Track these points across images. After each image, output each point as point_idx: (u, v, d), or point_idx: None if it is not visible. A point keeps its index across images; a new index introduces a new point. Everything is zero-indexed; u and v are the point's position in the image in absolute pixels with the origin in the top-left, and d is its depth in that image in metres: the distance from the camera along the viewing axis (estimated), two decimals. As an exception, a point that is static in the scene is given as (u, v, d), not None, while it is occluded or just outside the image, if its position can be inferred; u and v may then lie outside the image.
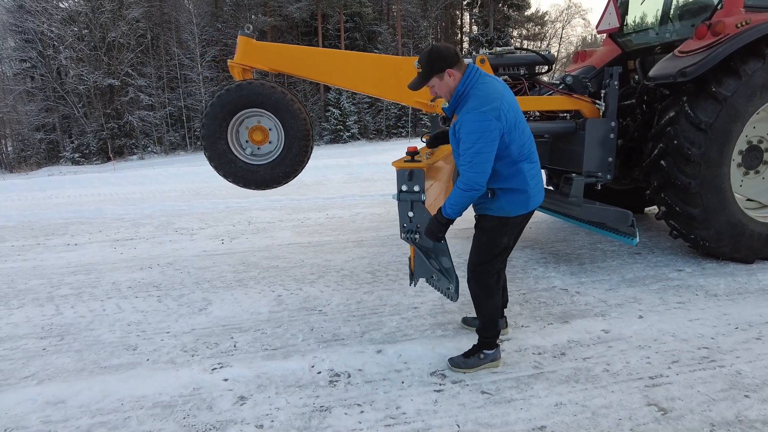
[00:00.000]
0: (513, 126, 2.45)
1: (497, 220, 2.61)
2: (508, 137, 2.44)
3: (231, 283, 4.36)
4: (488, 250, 2.68)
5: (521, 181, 2.53)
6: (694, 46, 4.18)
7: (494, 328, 2.80)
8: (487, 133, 2.35)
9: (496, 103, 2.39)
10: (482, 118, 2.35)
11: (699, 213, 4.17)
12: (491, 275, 2.72)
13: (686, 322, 3.33)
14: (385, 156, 13.84)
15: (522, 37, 41.97)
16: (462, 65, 2.53)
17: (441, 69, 2.49)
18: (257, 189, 4.27)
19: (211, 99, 4.00)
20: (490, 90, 2.45)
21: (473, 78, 2.49)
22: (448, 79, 2.51)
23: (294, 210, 7.58)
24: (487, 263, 2.69)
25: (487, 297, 2.75)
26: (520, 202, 2.56)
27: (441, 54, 2.50)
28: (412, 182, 3.00)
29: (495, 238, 2.65)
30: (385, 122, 34.79)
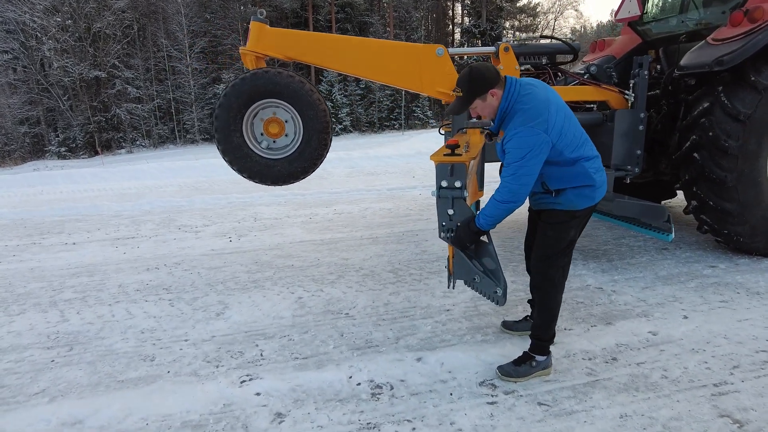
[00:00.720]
0: (561, 132, 2.36)
1: (565, 213, 2.50)
2: (560, 145, 2.36)
3: (246, 284, 4.13)
4: (555, 243, 2.55)
5: (585, 178, 2.45)
6: (730, 34, 4.00)
7: (552, 329, 2.64)
8: (536, 148, 2.29)
9: (543, 116, 2.32)
10: (530, 132, 2.29)
11: (734, 208, 4.01)
12: (557, 269, 2.57)
13: (735, 322, 3.17)
14: (385, 149, 13.61)
15: (514, 28, 41.80)
16: (502, 82, 2.43)
17: (484, 90, 2.41)
18: (273, 185, 4.02)
19: (225, 89, 3.73)
20: (534, 103, 2.36)
21: (515, 92, 2.40)
22: (491, 100, 2.43)
23: (300, 205, 7.33)
24: (554, 257, 2.56)
25: (551, 293, 2.60)
26: (587, 195, 2.48)
27: (482, 75, 2.41)
28: (453, 177, 2.79)
29: (562, 232, 2.53)
30: (378, 114, 34.46)
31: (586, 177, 2.43)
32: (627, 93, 4.34)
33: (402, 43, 4.45)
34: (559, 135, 2.35)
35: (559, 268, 2.59)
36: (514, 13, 40.81)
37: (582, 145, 2.45)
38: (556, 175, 2.44)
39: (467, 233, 2.60)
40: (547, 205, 2.55)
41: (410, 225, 5.86)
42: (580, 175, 2.43)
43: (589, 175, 2.43)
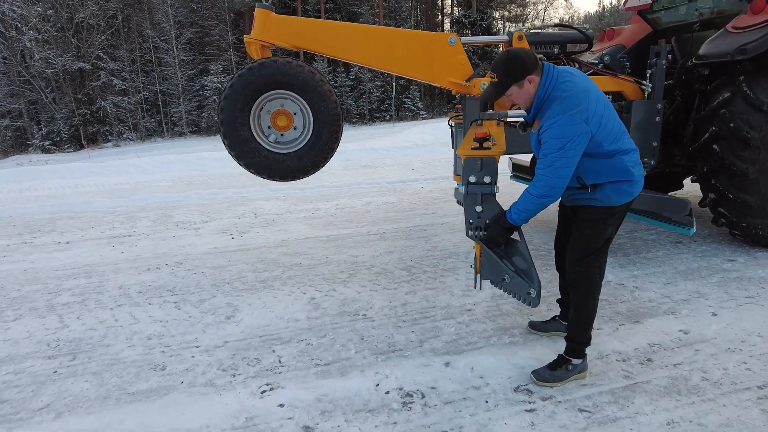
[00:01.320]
0: (600, 122, 2.22)
1: (603, 210, 2.37)
2: (599, 136, 2.23)
3: (254, 284, 3.96)
4: (592, 242, 2.42)
5: (624, 172, 2.31)
6: (752, 21, 3.90)
7: (589, 332, 2.52)
8: (575, 138, 2.16)
9: (583, 105, 2.18)
10: (570, 122, 2.15)
11: (755, 200, 3.93)
12: (595, 269, 2.45)
13: (765, 319, 3.09)
14: (381, 141, 13.41)
15: (504, 18, 41.63)
16: (540, 68, 2.28)
17: (522, 76, 2.27)
18: (282, 180, 3.84)
19: (231, 79, 3.54)
20: (574, 90, 2.21)
21: (553, 79, 2.26)
22: (528, 86, 2.29)
23: (300, 200, 7.14)
24: (591, 256, 2.43)
25: (589, 293, 2.47)
26: (625, 190, 2.35)
27: (520, 60, 2.26)
28: (482, 172, 2.65)
29: (600, 230, 2.41)
30: (368, 106, 34.16)
31: (625, 171, 2.30)
32: (644, 83, 4.22)
33: (413, 31, 4.27)
34: (598, 126, 2.21)
35: (596, 267, 2.47)
36: (504, 3, 40.61)
37: (620, 137, 2.31)
38: (593, 168, 2.31)
39: (499, 230, 2.49)
40: (582, 202, 2.42)
41: (417, 220, 5.72)
42: (619, 169, 2.29)
43: (628, 169, 2.30)
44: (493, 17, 37.79)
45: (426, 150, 12.01)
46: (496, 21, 39.48)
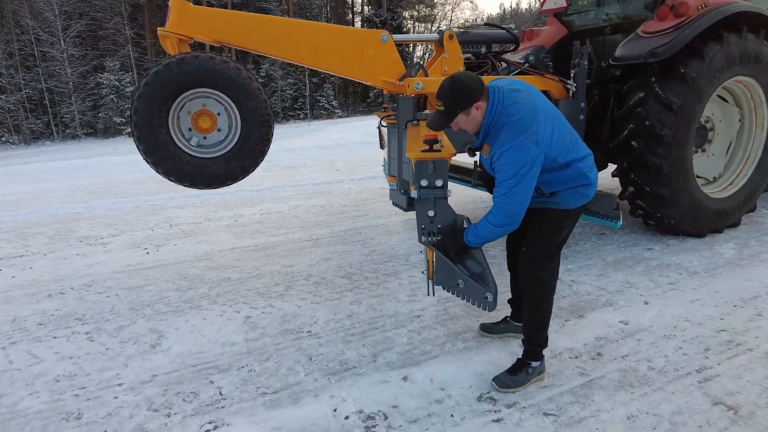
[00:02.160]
0: (552, 140, 2.19)
1: (559, 212, 2.37)
2: (552, 153, 2.21)
3: (179, 305, 3.56)
4: (548, 243, 2.42)
5: (581, 177, 2.31)
6: (659, 27, 4.17)
7: (546, 332, 2.51)
8: (528, 162, 2.11)
9: (532, 128, 2.14)
10: (521, 147, 2.11)
11: (668, 193, 4.23)
12: (549, 270, 2.45)
13: (689, 304, 3.31)
14: (301, 141, 13.01)
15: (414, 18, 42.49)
16: (486, 93, 2.21)
17: (468, 104, 2.19)
18: (207, 187, 3.48)
19: (146, 76, 3.13)
20: (522, 113, 2.16)
21: (499, 104, 2.20)
22: (475, 114, 2.22)
23: (219, 206, 6.66)
24: (546, 257, 2.43)
25: (543, 296, 2.46)
26: (581, 193, 2.35)
27: (466, 87, 2.18)
28: (434, 176, 2.55)
29: (557, 231, 2.41)
30: (281, 104, 33.25)
31: (582, 176, 2.30)
32: (569, 83, 4.38)
33: (345, 27, 4.09)
34: (549, 144, 2.18)
35: (550, 269, 2.46)
36: (413, 3, 41.43)
37: (574, 147, 2.30)
38: (549, 180, 2.29)
39: (452, 245, 2.49)
40: (539, 204, 2.39)
41: (350, 223, 5.54)
42: (576, 176, 2.29)
43: (585, 174, 2.30)
44: (403, 17, 38.42)
45: (348, 149, 11.84)
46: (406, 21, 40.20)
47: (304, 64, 3.96)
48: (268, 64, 31.62)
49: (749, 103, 4.72)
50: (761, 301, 3.33)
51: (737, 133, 4.81)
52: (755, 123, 4.76)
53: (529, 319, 2.52)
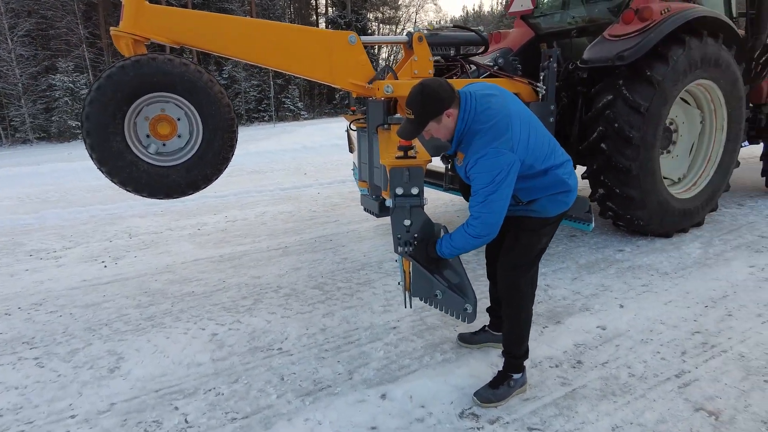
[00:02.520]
0: (528, 145, 2.12)
1: (538, 220, 2.31)
2: (529, 159, 2.13)
3: (140, 323, 3.34)
4: (527, 252, 2.35)
5: (559, 184, 2.24)
6: (624, 31, 4.21)
7: (526, 343, 2.44)
8: (504, 169, 2.04)
9: (507, 134, 2.06)
10: (496, 153, 2.04)
11: (637, 194, 4.27)
12: (527, 279, 2.39)
13: (662, 306, 3.32)
14: (267, 143, 12.72)
15: (378, 20, 42.50)
16: (457, 99, 2.13)
17: (438, 112, 2.11)
18: (167, 197, 3.28)
19: (97, 80, 2.90)
20: (495, 119, 2.09)
21: (471, 110, 2.12)
22: (446, 121, 2.14)
23: (182, 214, 6.38)
24: (524, 266, 2.36)
25: (522, 305, 2.40)
26: (561, 200, 2.28)
27: (436, 95, 2.11)
28: (409, 184, 2.45)
29: (535, 240, 2.34)
30: (245, 106, 32.60)
31: (561, 183, 2.23)
32: (538, 85, 4.37)
33: (311, 28, 3.96)
34: (526, 150, 2.10)
35: (528, 278, 2.41)
36: (377, 4, 41.43)
37: (552, 153, 2.23)
38: (527, 188, 2.22)
39: (423, 255, 2.40)
40: (517, 213, 2.32)
41: (319, 229, 5.39)
42: (554, 183, 2.22)
43: (564, 181, 2.24)
44: (367, 18, 38.37)
45: (316, 152, 11.65)
46: (371, 22, 40.16)
47: (268, 66, 3.79)
48: (230, 66, 30.98)
49: (709, 105, 4.84)
50: (729, 300, 3.38)
51: (699, 135, 4.92)
52: (715, 125, 4.88)
53: (508, 328, 2.45)
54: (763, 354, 2.72)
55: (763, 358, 2.69)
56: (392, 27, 44.26)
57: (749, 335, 2.92)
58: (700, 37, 4.30)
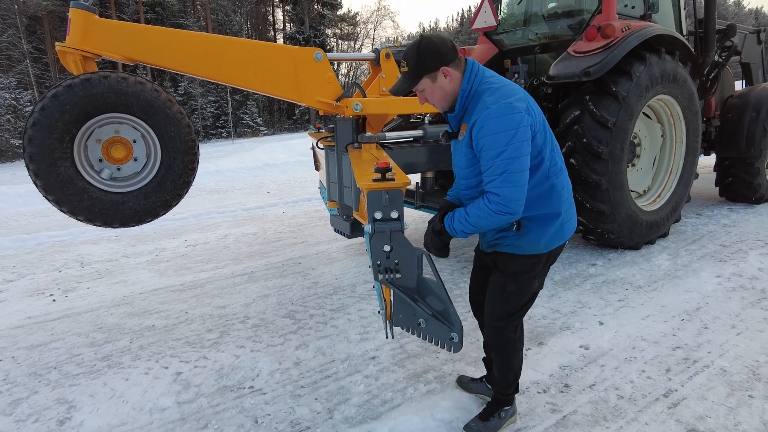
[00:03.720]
0: (543, 125, 1.92)
1: (528, 260, 2.01)
2: (541, 138, 1.89)
3: (94, 364, 3.04)
4: (517, 300, 2.10)
5: (555, 202, 1.96)
6: (588, 47, 4.28)
7: (517, 382, 2.30)
8: (521, 130, 1.76)
9: (520, 94, 1.86)
10: (510, 110, 1.76)
11: (607, 208, 4.30)
12: (517, 326, 2.19)
13: (641, 321, 3.31)
14: (227, 161, 12.34)
15: (336, 36, 42.64)
16: (461, 62, 1.95)
17: (435, 66, 1.90)
18: (123, 226, 3.03)
19: (41, 100, 2.65)
20: (506, 82, 1.91)
21: (479, 73, 1.94)
22: (443, 81, 1.93)
23: (138, 239, 6.02)
24: (514, 316, 2.13)
25: (512, 353, 2.21)
26: (555, 231, 1.98)
27: (435, 47, 1.89)
28: (389, 207, 2.31)
29: (526, 285, 2.07)
30: (202, 122, 31.84)
31: (557, 201, 1.96)
32: (507, 102, 4.36)
33: (275, 44, 3.82)
34: (541, 126, 1.88)
35: (518, 326, 2.21)
36: (335, 21, 41.61)
37: (559, 154, 2.01)
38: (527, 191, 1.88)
39: (432, 237, 2.11)
40: (504, 248, 2.05)
41: (287, 252, 5.17)
42: (551, 198, 1.94)
43: (560, 199, 1.96)
44: (326, 35, 38.43)
45: (279, 170, 11.39)
46: (329, 39, 40.25)
47: (231, 84, 3.62)
48: (186, 82, 30.28)
49: (669, 119, 4.98)
50: (703, 312, 3.40)
51: (660, 148, 5.05)
52: (675, 138, 5.02)
53: (498, 375, 2.27)
54: (743, 367, 2.73)
55: (743, 371, 2.69)
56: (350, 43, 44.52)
57: (727, 348, 2.93)
58: (658, 54, 4.42)
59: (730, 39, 5.97)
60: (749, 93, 6.14)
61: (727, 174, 6.24)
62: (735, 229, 5.28)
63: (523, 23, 5.51)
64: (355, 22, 43.63)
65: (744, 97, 6.10)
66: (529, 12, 5.44)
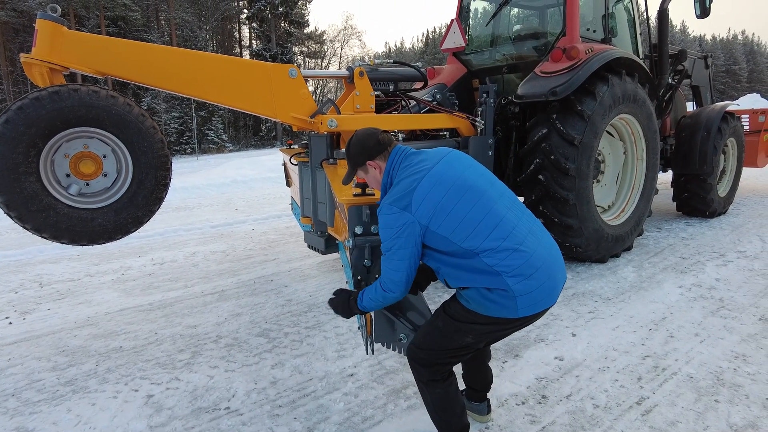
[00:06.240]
0: (437, 209, 1.81)
1: (466, 312, 1.90)
2: (440, 228, 1.81)
3: (57, 389, 2.88)
4: (439, 337, 1.98)
5: (493, 278, 1.77)
6: (554, 68, 4.45)
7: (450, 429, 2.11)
8: (395, 228, 1.84)
9: (407, 191, 1.85)
10: (387, 211, 1.89)
11: (575, 223, 4.44)
12: (434, 371, 2.01)
13: (611, 332, 3.41)
14: (194, 178, 12.08)
15: (304, 54, 42.83)
16: (386, 153, 2.05)
17: (361, 162, 2.08)
18: (91, 243, 2.92)
19: (5, 112, 2.55)
20: (409, 177, 1.90)
21: (396, 164, 2.00)
22: (373, 172, 2.09)
23: (102, 257, 5.79)
24: (429, 351, 2.00)
25: (425, 395, 2.09)
26: (499, 302, 1.79)
27: (360, 143, 2.07)
28: (369, 222, 2.33)
29: (453, 330, 1.94)
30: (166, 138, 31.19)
31: (493, 277, 1.76)
32: (477, 120, 4.48)
33: (249, 60, 3.81)
34: (432, 215, 1.80)
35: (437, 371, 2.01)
36: (302, 39, 41.82)
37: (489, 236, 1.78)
38: (452, 271, 1.87)
39: (345, 307, 2.13)
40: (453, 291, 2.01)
41: (258, 269, 5.09)
42: (484, 274, 1.78)
43: (497, 275, 1.75)
44: (293, 52, 38.53)
45: (247, 186, 11.24)
46: (296, 56, 40.37)
47: (204, 99, 3.57)
48: (150, 97, 29.68)
49: (630, 137, 5.21)
50: (669, 322, 3.54)
51: (623, 165, 5.27)
52: (636, 155, 5.25)
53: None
54: (708, 373, 2.84)
55: (708, 377, 2.80)
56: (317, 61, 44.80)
57: (692, 355, 3.05)
58: (620, 76, 4.65)
59: (681, 63, 6.36)
60: (700, 113, 6.52)
61: (683, 190, 6.56)
62: (693, 241, 5.53)
63: (491, 44, 5.69)
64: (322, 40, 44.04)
65: (695, 118, 6.46)
66: (496, 33, 5.63)
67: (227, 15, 39.06)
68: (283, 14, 36.27)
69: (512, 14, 5.71)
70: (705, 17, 5.91)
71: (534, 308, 1.83)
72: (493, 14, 5.54)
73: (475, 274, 1.79)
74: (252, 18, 37.57)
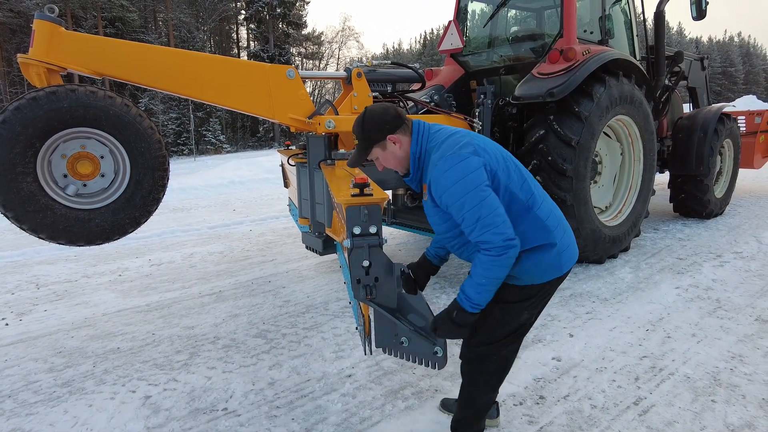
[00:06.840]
0: (504, 160, 1.89)
1: (518, 291, 1.94)
2: (504, 174, 1.84)
3: (54, 391, 2.87)
4: (499, 327, 2.01)
5: (543, 234, 1.87)
6: (551, 69, 4.47)
7: (477, 426, 2.19)
8: (472, 174, 1.75)
9: (465, 139, 1.87)
10: (455, 160, 1.78)
11: (573, 224, 4.43)
12: (499, 358, 2.07)
13: (609, 332, 3.42)
14: (191, 179, 12.05)
15: (301, 55, 42.82)
16: (408, 127, 2.00)
17: (381, 137, 1.97)
18: (89, 244, 2.93)
19: (2, 112, 2.54)
20: (450, 133, 1.94)
21: (425, 132, 1.98)
22: (392, 148, 1.99)
23: (99, 258, 5.78)
24: (495, 344, 2.03)
25: (481, 387, 2.11)
26: (549, 262, 1.89)
27: (377, 118, 1.97)
28: (368, 222, 2.32)
29: (512, 313, 1.98)
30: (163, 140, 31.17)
31: (546, 233, 1.86)
32: (475, 121, 4.49)
33: (247, 61, 3.81)
34: (496, 160, 1.83)
35: (501, 357, 2.07)
36: (300, 40, 41.82)
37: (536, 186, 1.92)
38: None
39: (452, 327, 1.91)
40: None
41: (256, 270, 5.08)
42: (537, 231, 1.85)
43: (549, 230, 1.86)
44: (290, 53, 38.52)
45: (245, 187, 11.22)
46: (294, 57, 40.36)
47: (202, 100, 3.57)
48: (147, 98, 29.65)
49: (627, 138, 5.23)
50: (666, 322, 3.55)
51: (620, 166, 5.28)
52: (633, 156, 5.27)
53: (459, 407, 2.20)
54: (705, 374, 2.85)
55: (705, 377, 2.81)
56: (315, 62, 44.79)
57: (689, 356, 3.06)
58: (617, 77, 4.66)
59: (678, 65, 6.39)
60: (696, 115, 6.55)
61: (680, 191, 6.58)
62: (689, 242, 5.55)
63: (488, 46, 5.71)
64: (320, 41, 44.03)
65: (692, 119, 6.49)
66: (494, 35, 5.64)
67: (225, 16, 39.04)
68: (280, 15, 36.31)
69: (509, 16, 5.72)
70: (701, 19, 5.94)
71: (570, 262, 1.96)
72: (491, 16, 5.55)
73: (530, 232, 1.85)
74: (250, 19, 37.59)
